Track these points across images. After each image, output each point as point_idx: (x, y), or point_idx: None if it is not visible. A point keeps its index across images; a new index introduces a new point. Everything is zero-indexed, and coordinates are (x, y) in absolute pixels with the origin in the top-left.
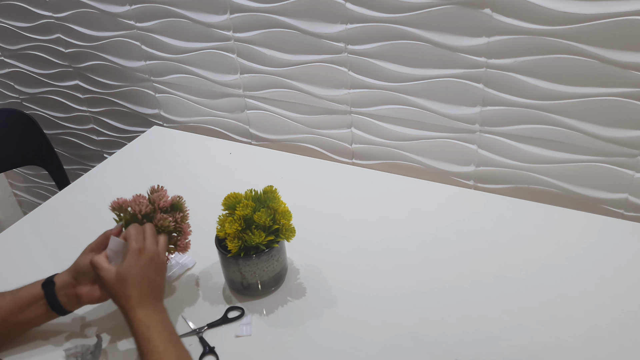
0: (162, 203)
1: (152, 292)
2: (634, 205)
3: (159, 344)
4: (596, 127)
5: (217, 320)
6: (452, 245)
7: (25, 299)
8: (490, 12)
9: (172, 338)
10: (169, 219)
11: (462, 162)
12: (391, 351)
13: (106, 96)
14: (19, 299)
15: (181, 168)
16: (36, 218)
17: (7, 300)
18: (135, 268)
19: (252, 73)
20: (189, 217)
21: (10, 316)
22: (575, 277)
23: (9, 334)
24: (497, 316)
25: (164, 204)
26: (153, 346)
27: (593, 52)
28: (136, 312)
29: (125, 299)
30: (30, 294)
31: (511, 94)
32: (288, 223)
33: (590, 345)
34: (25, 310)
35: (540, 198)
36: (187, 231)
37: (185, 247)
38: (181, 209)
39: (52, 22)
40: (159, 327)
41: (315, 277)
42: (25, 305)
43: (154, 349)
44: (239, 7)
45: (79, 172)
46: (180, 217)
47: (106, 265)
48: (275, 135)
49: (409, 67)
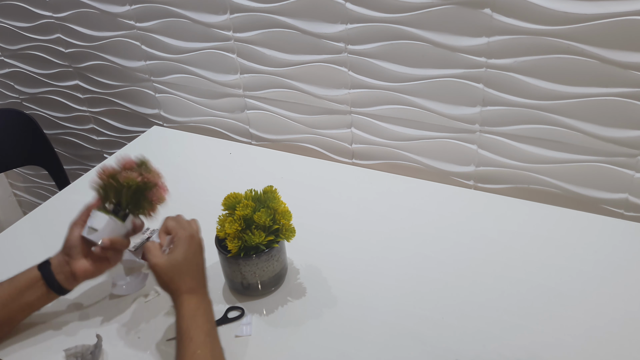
0: (127, 165)
1: (202, 279)
2: (634, 205)
3: (199, 335)
4: (596, 127)
5: (217, 320)
6: (452, 245)
7: (23, 282)
8: (490, 12)
9: (211, 332)
10: (134, 174)
11: (462, 162)
12: (391, 351)
13: (106, 96)
14: (17, 282)
15: (181, 168)
16: (36, 218)
17: (4, 286)
18: (188, 256)
19: (252, 73)
20: (156, 171)
21: (10, 301)
22: (575, 277)
23: (11, 320)
24: (497, 316)
25: (128, 165)
26: (194, 335)
27: (593, 52)
28: (186, 298)
29: (178, 286)
30: (28, 277)
31: (511, 94)
32: (288, 223)
33: (590, 345)
34: (25, 294)
35: (540, 198)
36: (158, 182)
37: (161, 198)
38: (145, 165)
39: (52, 22)
40: (203, 319)
41: (315, 277)
42: (24, 288)
43: (193, 338)
44: (239, 7)
45: (79, 172)
46: (144, 169)
47: (158, 253)
48: (275, 135)
49: (409, 67)
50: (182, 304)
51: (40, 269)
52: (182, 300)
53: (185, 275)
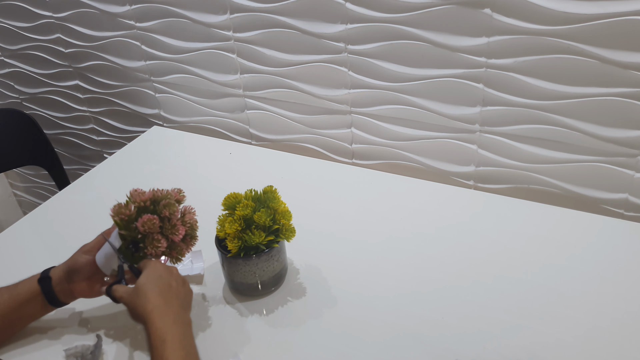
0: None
1: (176, 300)
2: (634, 205)
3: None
4: (596, 127)
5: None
6: (452, 245)
7: (23, 295)
8: (490, 12)
9: (187, 359)
10: (160, 245)
11: (462, 162)
12: (391, 351)
13: (106, 96)
14: (17, 295)
15: (181, 168)
16: (36, 218)
17: (4, 297)
18: (152, 277)
19: (252, 73)
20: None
21: (9, 313)
22: (575, 277)
23: (11, 328)
24: (497, 316)
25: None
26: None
27: (593, 52)
28: (153, 322)
29: (143, 308)
30: (28, 290)
31: (511, 94)
32: (288, 223)
33: (590, 345)
34: (24, 307)
35: (540, 198)
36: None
37: (181, 255)
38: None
39: (52, 22)
40: (175, 344)
41: (315, 277)
42: (24, 301)
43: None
44: (239, 7)
45: (79, 172)
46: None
47: (123, 289)
48: (275, 135)
49: (409, 67)
50: (150, 326)
51: (41, 283)
52: (149, 325)
53: (150, 294)
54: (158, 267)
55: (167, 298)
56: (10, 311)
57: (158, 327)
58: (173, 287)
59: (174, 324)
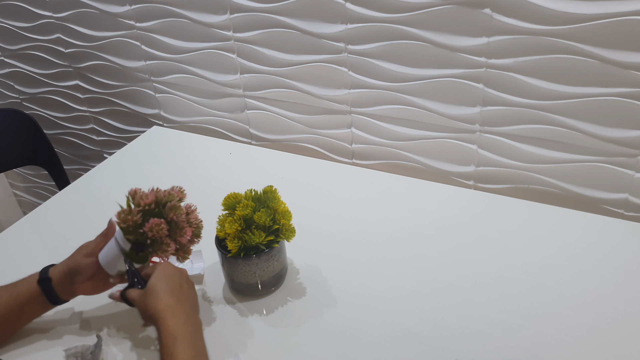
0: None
1: (187, 301)
2: (634, 205)
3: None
4: (596, 127)
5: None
6: (452, 245)
7: (23, 296)
8: (490, 12)
9: (197, 358)
10: (170, 248)
11: (462, 162)
12: (391, 351)
13: (106, 96)
14: (17, 296)
15: (181, 168)
16: (36, 218)
17: (4, 298)
18: (163, 277)
19: (252, 73)
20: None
21: (9, 313)
22: (575, 277)
23: (11, 328)
24: (497, 316)
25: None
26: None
27: (593, 52)
28: (165, 320)
29: (154, 307)
30: (28, 291)
31: (511, 94)
32: (288, 223)
33: (590, 345)
34: (24, 307)
35: (540, 198)
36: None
37: (188, 253)
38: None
39: (52, 22)
40: (186, 342)
41: (315, 277)
42: (24, 302)
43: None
44: (239, 7)
45: (79, 172)
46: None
47: (135, 292)
48: (275, 135)
49: (409, 67)
50: (161, 324)
51: (41, 283)
52: (161, 323)
53: (162, 294)
54: (169, 268)
55: (179, 298)
56: (10, 312)
57: (170, 325)
58: (184, 288)
59: (185, 323)
